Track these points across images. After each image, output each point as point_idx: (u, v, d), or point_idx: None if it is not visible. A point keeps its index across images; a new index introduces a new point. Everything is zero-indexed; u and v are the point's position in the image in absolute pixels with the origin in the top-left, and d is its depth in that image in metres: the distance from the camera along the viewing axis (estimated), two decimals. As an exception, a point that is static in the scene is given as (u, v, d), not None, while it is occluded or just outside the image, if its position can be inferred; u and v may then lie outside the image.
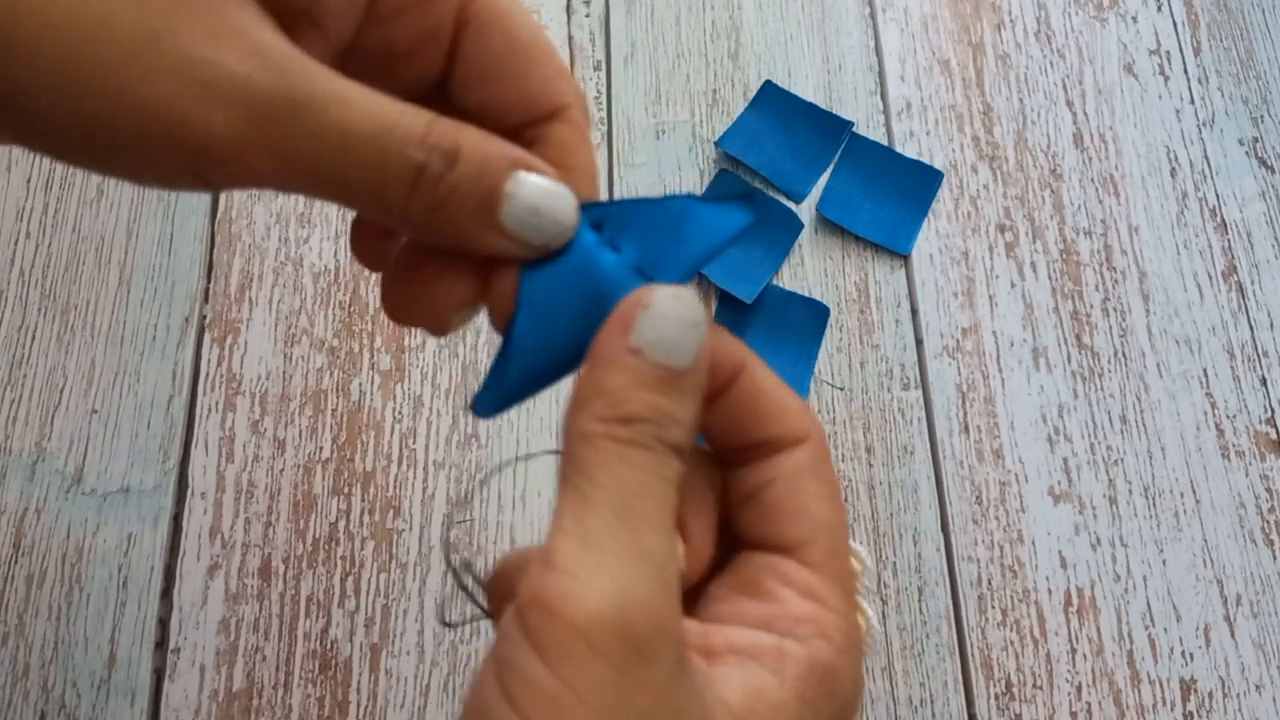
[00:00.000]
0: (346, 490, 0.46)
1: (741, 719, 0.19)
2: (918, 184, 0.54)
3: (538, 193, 0.21)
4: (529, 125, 0.23)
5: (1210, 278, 0.53)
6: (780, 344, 0.50)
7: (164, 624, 0.44)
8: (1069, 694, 0.45)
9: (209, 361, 0.48)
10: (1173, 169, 0.55)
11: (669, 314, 0.20)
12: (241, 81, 0.18)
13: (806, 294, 0.51)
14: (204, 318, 0.49)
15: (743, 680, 0.20)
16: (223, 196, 0.51)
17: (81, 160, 0.19)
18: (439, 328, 0.23)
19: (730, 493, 0.23)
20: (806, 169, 0.54)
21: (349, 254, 0.51)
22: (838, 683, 0.20)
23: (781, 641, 0.21)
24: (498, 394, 0.23)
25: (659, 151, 0.54)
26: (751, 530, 0.23)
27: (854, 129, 0.55)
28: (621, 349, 0.20)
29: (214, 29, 0.18)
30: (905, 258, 0.53)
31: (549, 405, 0.48)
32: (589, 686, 0.17)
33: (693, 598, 0.22)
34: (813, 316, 0.51)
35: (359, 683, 0.44)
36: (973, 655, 0.45)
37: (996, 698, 0.45)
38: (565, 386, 0.21)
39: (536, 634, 0.18)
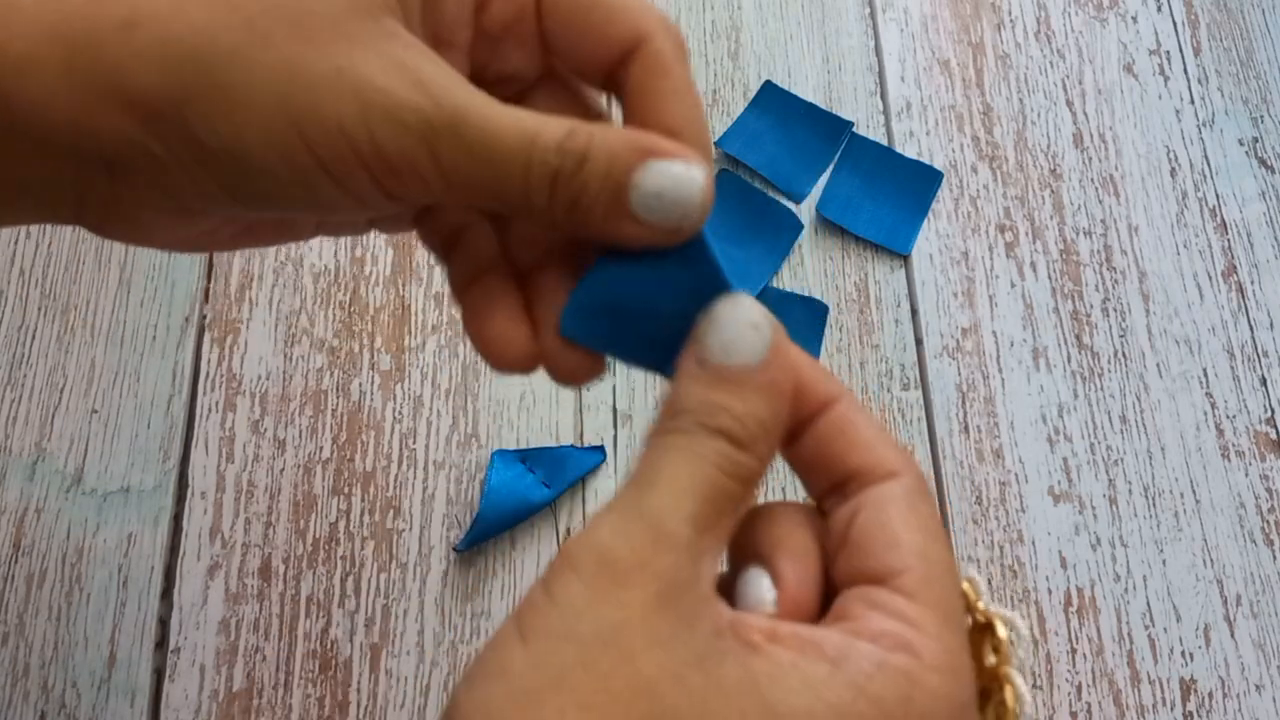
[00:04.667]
0: (346, 490, 0.46)
1: (768, 692, 0.19)
2: (917, 184, 0.54)
3: (663, 180, 0.22)
4: (615, 68, 0.24)
5: (1210, 278, 0.53)
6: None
7: (164, 624, 0.44)
8: (1069, 694, 0.45)
9: (209, 361, 0.48)
10: (1173, 169, 0.55)
11: (724, 318, 0.22)
12: (411, 106, 0.21)
13: (806, 294, 0.51)
14: (204, 317, 0.49)
15: (792, 661, 0.20)
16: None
17: (275, 191, 0.22)
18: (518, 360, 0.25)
19: (829, 539, 0.23)
20: (806, 169, 0.54)
21: (349, 254, 0.51)
22: (918, 692, 0.19)
23: (852, 642, 0.20)
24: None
25: (659, 151, 0.54)
26: (845, 569, 0.22)
27: (854, 129, 0.55)
28: (689, 363, 0.22)
29: (385, 64, 0.21)
30: (905, 258, 0.53)
31: (548, 406, 0.48)
32: (563, 593, 0.19)
33: None
34: (812, 315, 0.51)
35: (359, 683, 0.44)
36: (973, 655, 0.46)
37: (996, 698, 0.45)
38: (556, 392, 0.21)
39: (544, 574, 0.21)
